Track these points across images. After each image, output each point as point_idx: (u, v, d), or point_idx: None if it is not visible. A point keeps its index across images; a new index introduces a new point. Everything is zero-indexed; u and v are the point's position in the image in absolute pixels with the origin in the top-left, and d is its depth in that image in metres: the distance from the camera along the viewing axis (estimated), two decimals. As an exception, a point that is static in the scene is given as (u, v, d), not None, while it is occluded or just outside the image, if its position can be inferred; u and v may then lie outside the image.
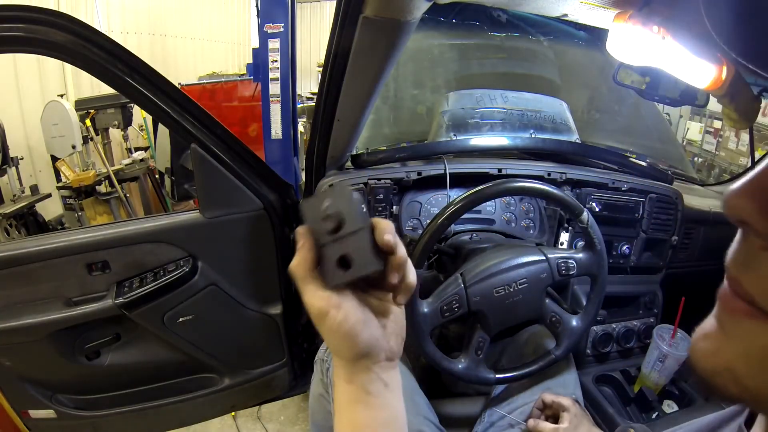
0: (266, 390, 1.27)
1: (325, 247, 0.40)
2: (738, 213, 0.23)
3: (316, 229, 0.40)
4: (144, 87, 0.91)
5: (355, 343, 0.41)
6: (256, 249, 1.10)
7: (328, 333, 0.41)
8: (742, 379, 0.24)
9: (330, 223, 0.40)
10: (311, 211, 0.41)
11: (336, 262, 0.40)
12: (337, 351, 0.43)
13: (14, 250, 0.97)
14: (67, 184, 2.85)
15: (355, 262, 0.40)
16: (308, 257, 0.40)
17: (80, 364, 1.06)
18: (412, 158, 1.17)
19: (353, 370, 0.43)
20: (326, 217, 0.40)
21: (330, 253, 0.40)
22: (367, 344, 0.42)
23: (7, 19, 0.81)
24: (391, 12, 0.67)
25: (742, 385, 0.24)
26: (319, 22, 8.06)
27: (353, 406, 0.44)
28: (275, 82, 2.42)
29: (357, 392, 0.43)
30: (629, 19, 0.64)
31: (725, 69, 0.71)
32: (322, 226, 0.40)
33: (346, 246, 0.40)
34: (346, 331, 0.40)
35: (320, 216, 0.40)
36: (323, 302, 0.40)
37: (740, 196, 0.23)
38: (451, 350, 1.10)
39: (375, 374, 0.43)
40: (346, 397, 0.44)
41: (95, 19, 3.97)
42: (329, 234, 0.40)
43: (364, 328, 0.41)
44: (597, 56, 1.58)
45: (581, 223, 0.90)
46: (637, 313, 1.28)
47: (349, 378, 0.43)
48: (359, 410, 0.43)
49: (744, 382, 0.24)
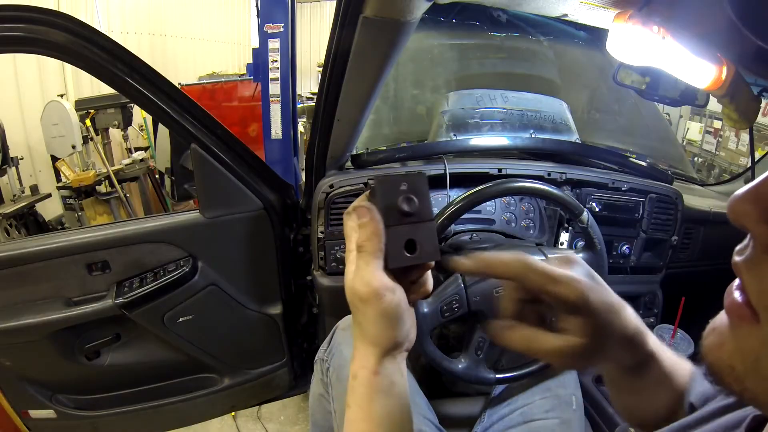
0: (266, 390, 1.27)
1: (392, 228, 0.40)
2: (740, 219, 0.24)
3: (388, 208, 0.40)
4: (144, 87, 0.91)
5: (400, 331, 0.41)
6: (256, 249, 1.10)
7: (377, 316, 0.40)
8: (742, 378, 0.25)
9: (407, 205, 0.39)
10: (388, 188, 0.40)
11: (404, 244, 0.40)
12: (377, 337, 0.42)
13: (14, 250, 0.97)
14: (67, 184, 2.84)
15: (422, 249, 0.40)
16: (380, 232, 0.39)
17: (80, 364, 1.06)
18: (412, 158, 1.17)
19: (384, 359, 0.42)
20: (407, 200, 0.39)
21: (399, 234, 0.40)
22: (407, 333, 0.42)
23: (7, 19, 0.81)
24: (391, 12, 0.67)
25: (743, 385, 0.25)
26: (319, 22, 8.05)
27: (375, 397, 0.42)
28: (275, 82, 2.42)
29: (381, 383, 0.42)
30: (629, 19, 0.64)
31: (725, 69, 0.71)
32: (397, 207, 0.39)
33: (416, 232, 0.40)
34: (397, 316, 0.40)
35: (397, 195, 0.40)
36: (383, 282, 0.39)
37: (743, 202, 0.23)
38: (451, 350, 1.10)
39: (398, 363, 0.43)
40: (367, 390, 0.42)
41: (95, 19, 3.96)
42: (403, 215, 0.40)
43: (408, 317, 0.42)
44: (597, 56, 1.58)
45: (581, 223, 0.90)
46: (637, 313, 1.27)
47: (376, 368, 0.42)
48: (381, 401, 0.42)
49: (743, 381, 0.25)
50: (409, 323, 0.43)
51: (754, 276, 0.24)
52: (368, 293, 0.39)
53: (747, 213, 0.23)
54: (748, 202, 0.23)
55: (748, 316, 0.24)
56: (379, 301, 0.39)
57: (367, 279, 0.39)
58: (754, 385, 0.24)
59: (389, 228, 0.40)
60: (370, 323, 0.41)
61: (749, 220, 0.23)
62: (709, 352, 0.27)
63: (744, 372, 0.25)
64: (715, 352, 0.26)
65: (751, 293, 0.24)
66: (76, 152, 2.92)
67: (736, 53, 0.64)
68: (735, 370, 0.25)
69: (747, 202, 0.23)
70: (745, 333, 0.25)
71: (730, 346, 0.25)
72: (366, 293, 0.39)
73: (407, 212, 0.39)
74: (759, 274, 0.24)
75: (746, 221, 0.23)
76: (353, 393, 0.43)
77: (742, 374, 0.25)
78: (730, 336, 0.26)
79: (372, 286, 0.39)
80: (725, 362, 0.26)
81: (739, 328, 0.25)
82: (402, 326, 0.41)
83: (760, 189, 0.23)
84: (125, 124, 3.39)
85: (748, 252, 0.24)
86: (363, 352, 0.43)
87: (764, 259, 0.23)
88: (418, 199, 0.40)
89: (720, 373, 0.26)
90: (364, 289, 0.39)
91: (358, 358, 0.43)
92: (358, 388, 0.43)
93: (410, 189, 0.40)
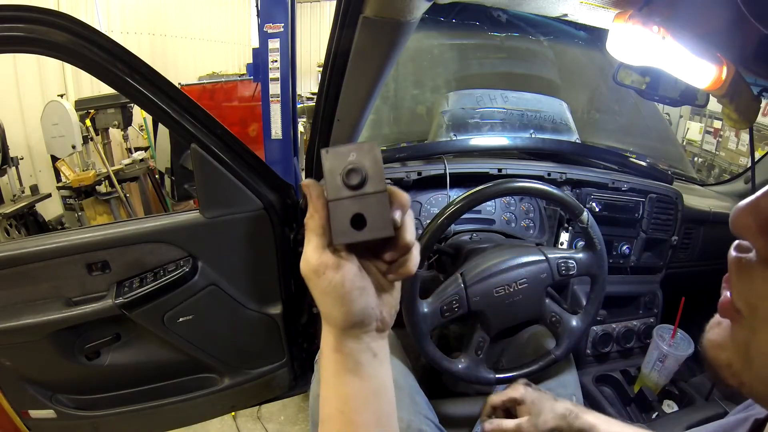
0: (266, 390, 1.27)
1: (339, 202, 0.37)
2: (741, 231, 0.25)
3: (333, 182, 0.37)
4: (144, 87, 0.91)
5: (349, 309, 0.39)
6: (256, 249, 1.10)
7: (321, 294, 0.39)
8: (739, 373, 0.26)
9: (354, 177, 0.37)
10: (334, 161, 0.37)
11: (350, 219, 0.37)
12: (328, 316, 0.41)
13: (14, 250, 0.97)
14: (67, 184, 2.84)
15: (370, 224, 0.37)
16: (320, 207, 0.38)
17: (80, 364, 1.06)
18: (412, 158, 1.17)
19: (343, 337, 0.41)
20: (351, 171, 0.37)
21: (344, 209, 0.37)
22: (361, 312, 0.40)
23: (7, 19, 0.81)
24: (391, 12, 0.67)
25: (740, 379, 0.26)
26: (319, 22, 8.05)
27: (341, 376, 0.42)
28: (275, 82, 2.42)
29: (345, 361, 0.41)
30: (629, 19, 0.64)
31: (725, 69, 0.71)
32: (343, 180, 0.37)
33: (364, 205, 0.37)
34: (340, 294, 0.39)
35: (343, 168, 0.37)
36: (322, 259, 0.38)
37: (744, 215, 0.25)
38: (451, 350, 1.10)
39: (365, 343, 0.42)
40: (334, 366, 0.42)
41: (95, 19, 3.96)
42: (349, 188, 0.37)
43: (360, 296, 0.40)
44: (597, 56, 1.58)
45: (581, 223, 0.90)
46: (637, 313, 1.28)
47: (337, 346, 0.41)
48: (347, 380, 0.42)
49: (740, 376, 0.26)
50: (369, 302, 0.40)
51: (743, 277, 0.26)
52: (307, 271, 0.39)
53: (747, 225, 0.25)
54: (749, 215, 0.25)
55: (731, 314, 0.26)
56: (319, 279, 0.38)
57: (306, 257, 0.39)
58: (749, 379, 0.26)
59: (331, 202, 0.37)
60: (318, 301, 0.40)
61: (749, 232, 0.25)
62: (710, 348, 0.28)
63: (740, 367, 0.26)
64: (716, 349, 0.28)
65: (737, 292, 0.26)
66: (76, 152, 2.92)
67: (736, 53, 0.64)
68: (732, 367, 0.26)
69: (747, 215, 0.25)
70: (737, 330, 0.26)
71: (728, 343, 0.27)
72: (305, 271, 0.39)
73: (353, 185, 0.37)
74: (748, 277, 0.25)
75: (746, 233, 0.25)
76: (323, 370, 0.43)
77: (739, 370, 0.26)
78: (729, 333, 0.27)
79: (311, 264, 0.38)
80: (723, 359, 0.27)
81: (732, 325, 0.27)
82: (352, 305, 0.39)
83: (761, 202, 0.24)
84: (125, 124, 3.40)
85: (748, 255, 0.26)
86: (324, 330, 0.43)
87: (758, 269, 0.25)
88: (368, 169, 0.37)
89: (719, 369, 0.27)
90: (304, 266, 0.39)
91: (323, 335, 0.43)
92: (325, 364, 0.43)
93: (359, 160, 0.37)
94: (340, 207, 0.37)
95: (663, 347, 1.05)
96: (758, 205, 0.24)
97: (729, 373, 0.27)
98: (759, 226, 0.24)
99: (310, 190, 0.38)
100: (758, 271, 0.25)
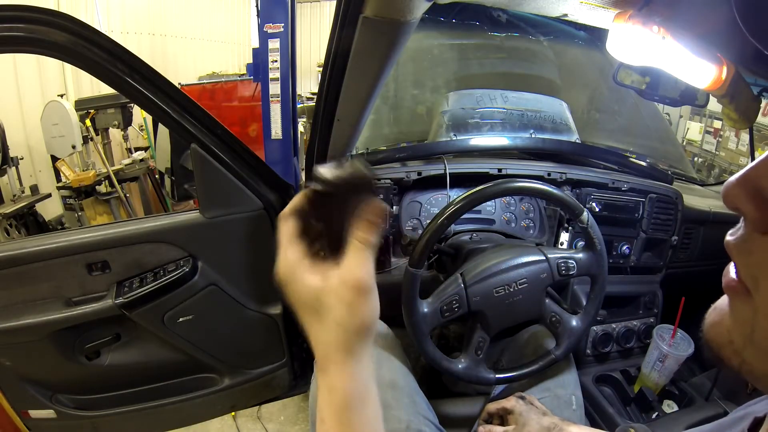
0: (266, 390, 1.27)
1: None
2: (732, 200, 0.27)
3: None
4: (144, 87, 0.91)
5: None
6: (256, 249, 1.10)
7: (372, 311, 0.40)
8: (740, 350, 0.27)
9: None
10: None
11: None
12: (368, 332, 0.40)
13: (14, 250, 0.97)
14: (67, 184, 2.84)
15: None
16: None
17: (80, 364, 1.06)
18: (412, 158, 1.17)
19: (365, 363, 0.41)
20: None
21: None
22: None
23: (7, 19, 0.81)
24: (391, 12, 0.67)
25: (741, 357, 0.27)
26: (319, 22, 8.05)
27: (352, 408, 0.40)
28: (275, 82, 2.42)
29: (360, 389, 0.40)
30: (629, 19, 0.64)
31: (725, 69, 0.71)
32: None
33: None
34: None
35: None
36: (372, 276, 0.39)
37: (734, 186, 0.26)
38: (451, 350, 1.10)
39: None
40: (346, 399, 0.39)
41: (95, 19, 3.96)
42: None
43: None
44: (597, 56, 1.58)
45: (581, 223, 0.90)
46: (637, 313, 1.28)
47: (354, 375, 0.40)
48: (358, 412, 0.40)
49: (742, 354, 0.27)
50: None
51: (743, 252, 0.27)
52: (364, 286, 0.40)
53: (737, 195, 0.26)
54: (739, 186, 0.26)
55: (741, 291, 0.27)
56: (372, 294, 0.41)
57: (369, 269, 0.40)
58: (751, 356, 0.27)
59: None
60: (366, 317, 0.41)
61: (739, 200, 0.26)
62: (710, 329, 0.29)
63: (742, 344, 0.27)
64: (716, 328, 0.29)
65: (740, 268, 0.27)
66: (76, 152, 2.92)
67: (736, 53, 0.64)
68: (733, 344, 0.27)
69: (737, 186, 0.26)
70: (740, 306, 0.27)
71: (728, 321, 0.28)
72: (363, 286, 0.40)
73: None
74: (747, 250, 0.27)
75: (737, 201, 0.26)
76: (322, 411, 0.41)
77: (740, 347, 0.27)
78: (728, 312, 0.28)
79: (368, 278, 0.40)
80: (724, 337, 0.28)
81: (734, 303, 0.28)
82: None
83: (749, 174, 0.26)
84: (125, 124, 3.39)
85: (739, 232, 0.27)
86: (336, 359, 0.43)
87: (752, 237, 0.26)
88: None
89: (719, 347, 0.28)
90: (363, 280, 0.40)
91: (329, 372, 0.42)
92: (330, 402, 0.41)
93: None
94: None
95: (663, 347, 1.05)
96: (748, 176, 0.26)
97: (730, 351, 0.27)
98: (747, 194, 0.26)
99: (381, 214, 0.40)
100: (754, 241, 0.26)
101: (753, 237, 0.26)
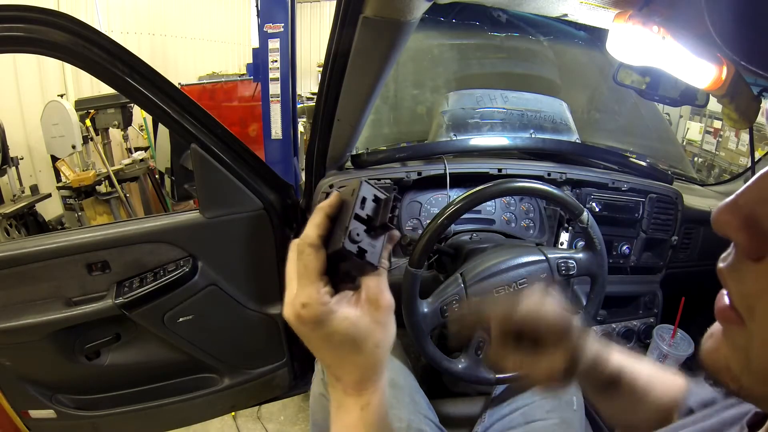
0: (266, 390, 1.27)
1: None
2: (722, 228, 0.26)
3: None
4: (144, 87, 0.91)
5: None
6: (256, 249, 1.10)
7: (395, 324, 0.40)
8: (738, 377, 0.27)
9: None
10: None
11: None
12: (382, 365, 0.40)
13: (14, 250, 0.97)
14: (67, 184, 2.84)
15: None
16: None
17: (80, 364, 1.06)
18: (412, 158, 1.17)
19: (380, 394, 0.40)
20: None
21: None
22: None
23: (7, 19, 0.81)
24: (391, 12, 0.67)
25: (739, 383, 0.27)
26: (319, 22, 8.04)
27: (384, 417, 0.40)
28: (275, 82, 2.42)
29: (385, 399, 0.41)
30: (629, 19, 0.64)
31: (725, 69, 0.71)
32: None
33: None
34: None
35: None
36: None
37: (724, 213, 0.26)
38: (451, 350, 1.10)
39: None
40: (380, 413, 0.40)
41: (95, 19, 3.96)
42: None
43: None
44: (597, 56, 1.58)
45: (581, 223, 0.90)
46: (637, 313, 1.28)
47: (383, 387, 0.41)
48: (388, 419, 0.40)
49: (739, 379, 0.27)
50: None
51: (735, 280, 0.26)
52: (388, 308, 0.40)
53: (728, 222, 0.25)
54: (728, 213, 0.25)
55: (734, 319, 0.26)
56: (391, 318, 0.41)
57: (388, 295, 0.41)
58: (749, 382, 0.26)
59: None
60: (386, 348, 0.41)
61: (730, 228, 0.25)
62: (707, 356, 0.29)
63: (739, 371, 0.26)
64: (712, 355, 0.28)
65: (733, 296, 0.27)
66: (76, 152, 2.92)
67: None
68: (731, 371, 0.27)
69: (727, 213, 0.25)
70: (735, 334, 0.27)
71: (724, 349, 0.28)
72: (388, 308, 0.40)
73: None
74: (739, 278, 0.26)
75: (727, 230, 0.26)
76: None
77: (738, 373, 0.27)
78: (724, 339, 0.28)
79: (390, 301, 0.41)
80: (722, 364, 0.28)
81: (729, 331, 0.27)
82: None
83: (739, 200, 0.25)
84: (125, 124, 3.39)
85: (730, 258, 0.27)
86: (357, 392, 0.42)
87: (744, 264, 0.25)
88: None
89: (718, 374, 0.28)
90: (389, 303, 0.40)
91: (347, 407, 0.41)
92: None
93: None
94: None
95: (663, 347, 1.05)
96: (737, 203, 0.25)
97: (728, 376, 0.27)
98: (739, 222, 0.25)
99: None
100: (746, 270, 0.25)
101: (745, 264, 0.25)
